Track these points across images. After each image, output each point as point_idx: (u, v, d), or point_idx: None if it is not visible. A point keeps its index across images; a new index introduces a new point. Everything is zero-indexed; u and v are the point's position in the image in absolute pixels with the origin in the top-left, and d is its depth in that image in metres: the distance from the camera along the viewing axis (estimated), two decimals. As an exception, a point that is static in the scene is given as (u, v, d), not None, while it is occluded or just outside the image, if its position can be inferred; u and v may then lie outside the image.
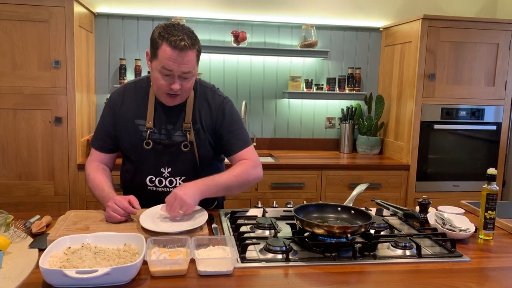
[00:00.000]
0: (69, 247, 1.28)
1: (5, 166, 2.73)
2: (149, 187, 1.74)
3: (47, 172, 2.77)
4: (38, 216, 1.62)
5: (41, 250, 1.30)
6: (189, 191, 1.55)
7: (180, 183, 1.72)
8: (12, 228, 1.49)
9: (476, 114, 3.16)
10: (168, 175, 1.73)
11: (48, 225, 1.57)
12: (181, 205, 1.52)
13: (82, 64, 2.91)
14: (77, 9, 2.74)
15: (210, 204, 1.88)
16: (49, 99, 2.71)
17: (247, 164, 1.71)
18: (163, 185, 1.74)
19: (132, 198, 1.58)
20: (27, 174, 2.75)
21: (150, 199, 1.68)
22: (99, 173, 1.73)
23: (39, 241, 1.41)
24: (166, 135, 1.71)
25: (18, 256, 1.30)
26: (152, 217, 1.55)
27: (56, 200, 2.79)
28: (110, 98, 1.80)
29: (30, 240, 1.43)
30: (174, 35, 1.52)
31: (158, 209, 1.61)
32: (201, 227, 1.50)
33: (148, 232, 1.43)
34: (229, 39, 3.36)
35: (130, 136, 1.72)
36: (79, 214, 1.63)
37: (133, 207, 1.56)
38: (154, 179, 1.73)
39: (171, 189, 1.70)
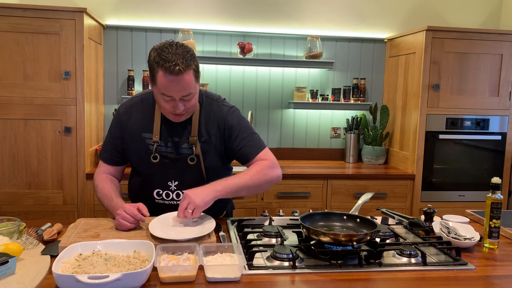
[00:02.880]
0: (81, 254, 1.31)
1: (15, 175, 2.77)
2: (156, 200, 1.76)
3: (56, 182, 2.81)
4: (49, 224, 1.65)
5: (53, 257, 1.33)
6: (200, 192, 1.56)
7: None
8: (24, 235, 1.52)
9: (481, 124, 3.18)
10: (175, 188, 1.74)
11: (59, 233, 1.60)
12: (189, 205, 1.53)
13: (91, 75, 2.97)
14: (87, 21, 2.80)
15: (219, 213, 1.90)
16: (59, 109, 2.76)
17: (263, 164, 1.71)
18: (170, 198, 1.75)
19: (141, 206, 1.61)
20: (36, 184, 2.79)
21: (157, 211, 1.68)
22: (107, 183, 1.75)
23: (51, 248, 1.44)
24: (173, 148, 1.72)
25: (31, 262, 1.33)
26: (161, 225, 1.57)
27: (64, 209, 2.83)
28: (117, 111, 1.81)
29: (42, 247, 1.46)
30: (168, 61, 1.50)
31: (167, 216, 1.64)
32: (209, 235, 1.52)
33: (157, 240, 1.46)
34: (235, 50, 3.41)
35: (137, 149, 1.74)
36: (90, 222, 1.66)
37: (142, 214, 1.59)
38: (161, 192, 1.75)
39: (178, 202, 1.72)
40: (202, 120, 1.73)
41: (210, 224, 1.58)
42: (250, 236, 1.60)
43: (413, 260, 1.44)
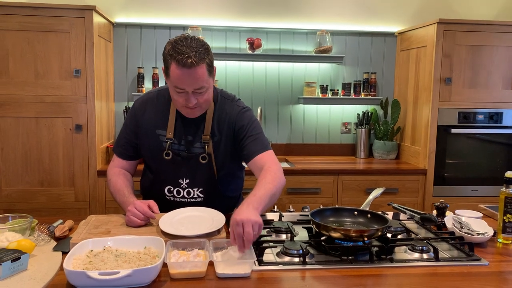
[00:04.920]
0: (91, 250, 1.32)
1: (28, 173, 2.80)
2: (167, 197, 1.77)
3: (68, 179, 2.84)
4: (61, 221, 1.67)
5: (65, 253, 1.34)
6: (249, 213, 1.36)
7: (198, 194, 1.75)
8: (36, 232, 1.54)
9: (494, 117, 3.13)
10: (186, 186, 1.75)
11: (70, 229, 1.61)
12: (253, 226, 1.32)
13: (101, 72, 2.98)
14: (96, 19, 2.81)
15: (230, 210, 1.90)
16: (69, 107, 2.78)
17: (274, 169, 1.62)
18: (181, 195, 1.76)
19: (152, 203, 1.62)
20: (48, 181, 2.82)
21: (168, 208, 1.68)
22: (120, 178, 1.76)
23: (62, 244, 1.45)
24: (186, 146, 1.73)
25: (43, 259, 1.34)
26: (171, 221, 1.57)
27: (76, 206, 2.85)
28: (133, 106, 1.82)
29: (53, 243, 1.47)
30: (181, 53, 1.50)
31: (176, 213, 1.64)
32: (218, 231, 1.52)
33: (167, 236, 1.46)
34: (244, 46, 3.40)
35: (150, 145, 1.75)
36: (101, 218, 1.67)
37: (152, 211, 1.59)
38: (172, 189, 1.76)
39: (188, 199, 1.74)
40: (215, 119, 1.73)
41: (220, 220, 1.58)
42: (260, 232, 1.60)
43: (425, 256, 1.42)
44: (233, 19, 3.40)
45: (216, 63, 3.41)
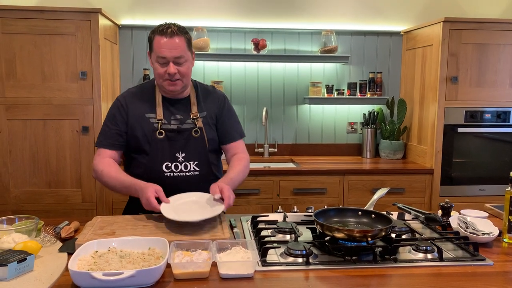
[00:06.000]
0: (96, 251, 1.33)
1: (35, 174, 2.83)
2: (166, 174, 1.83)
3: (75, 180, 2.86)
4: (66, 222, 1.68)
5: (70, 254, 1.35)
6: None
7: (194, 168, 1.85)
8: (42, 233, 1.56)
9: (502, 116, 3.11)
10: (182, 160, 1.84)
11: (76, 230, 1.63)
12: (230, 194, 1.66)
13: (107, 74, 3.00)
14: (102, 21, 2.84)
15: None
16: (76, 109, 2.80)
17: (245, 160, 1.94)
18: (178, 169, 1.84)
19: (158, 189, 1.67)
20: (56, 182, 2.85)
21: (167, 185, 1.74)
22: (112, 167, 1.81)
23: (68, 245, 1.47)
24: (177, 124, 1.85)
25: (49, 260, 1.36)
26: (172, 208, 1.63)
27: (83, 207, 2.88)
28: (115, 103, 1.88)
29: (59, 244, 1.49)
30: (162, 26, 1.75)
31: (175, 199, 1.70)
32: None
33: (171, 222, 1.56)
34: (249, 47, 3.40)
35: (143, 128, 1.84)
36: (106, 219, 1.68)
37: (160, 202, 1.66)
38: (170, 165, 1.83)
39: (186, 173, 1.84)
40: (200, 99, 1.91)
41: (219, 206, 1.64)
42: (264, 233, 1.60)
43: (429, 256, 1.41)
44: (238, 20, 3.41)
45: (222, 64, 3.47)
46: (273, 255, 1.41)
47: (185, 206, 1.67)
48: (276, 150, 3.54)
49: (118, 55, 3.33)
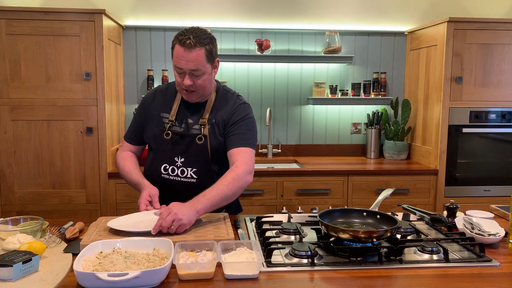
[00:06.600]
0: (101, 252, 1.33)
1: (40, 175, 2.84)
2: (162, 175, 1.85)
3: (79, 181, 2.87)
4: (71, 223, 1.69)
5: (75, 255, 1.35)
6: (185, 210, 1.54)
7: (191, 174, 1.82)
8: (47, 233, 1.56)
9: (507, 116, 3.09)
10: (180, 164, 1.83)
11: (81, 231, 1.63)
12: (174, 222, 1.50)
13: (111, 75, 3.01)
14: (106, 22, 2.84)
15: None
16: (80, 110, 2.81)
17: (238, 170, 1.70)
18: (175, 174, 1.83)
19: (154, 197, 1.73)
20: (60, 183, 2.85)
21: (163, 187, 1.81)
22: (127, 160, 1.92)
23: (73, 246, 1.47)
24: (185, 128, 1.84)
25: (54, 260, 1.36)
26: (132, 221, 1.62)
27: (88, 208, 2.88)
28: (143, 98, 1.98)
29: (64, 245, 1.49)
30: (183, 35, 1.69)
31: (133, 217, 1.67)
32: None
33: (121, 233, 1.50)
34: (253, 47, 3.40)
35: (154, 126, 1.87)
36: (110, 220, 1.68)
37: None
38: (167, 167, 1.84)
39: (182, 178, 1.82)
40: (215, 106, 1.85)
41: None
42: (268, 233, 1.60)
43: (435, 257, 1.41)
44: (242, 21, 3.41)
45: (225, 65, 3.46)
46: (277, 256, 1.40)
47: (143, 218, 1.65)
48: (279, 150, 3.53)
49: (122, 56, 3.33)
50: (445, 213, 1.78)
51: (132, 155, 1.97)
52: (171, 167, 1.83)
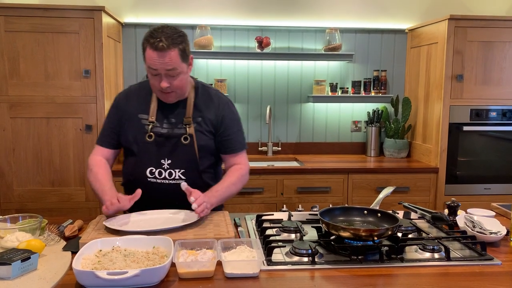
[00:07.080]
0: (100, 250, 1.32)
1: (39, 173, 2.83)
2: (149, 179, 1.78)
3: (79, 179, 2.86)
4: (70, 220, 1.68)
5: (74, 253, 1.35)
6: (211, 199, 1.66)
7: (179, 176, 1.77)
8: (46, 231, 1.55)
9: (507, 114, 3.08)
10: (167, 167, 1.77)
11: (80, 229, 1.62)
12: (205, 203, 1.61)
13: (111, 73, 2.99)
14: (106, 20, 2.83)
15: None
16: (79, 107, 2.80)
17: (242, 171, 1.84)
18: (162, 176, 1.77)
19: (121, 199, 1.63)
20: (59, 181, 2.84)
21: (150, 191, 1.74)
22: (101, 168, 1.80)
23: (72, 244, 1.46)
24: (168, 128, 1.78)
25: (53, 258, 1.35)
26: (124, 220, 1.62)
27: (87, 205, 2.87)
28: (115, 99, 1.90)
29: (63, 243, 1.48)
30: (154, 37, 1.63)
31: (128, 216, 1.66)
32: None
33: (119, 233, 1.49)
34: (253, 45, 3.39)
35: (133, 129, 1.80)
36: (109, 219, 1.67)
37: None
38: (154, 170, 1.77)
39: (170, 181, 1.77)
40: (198, 103, 1.81)
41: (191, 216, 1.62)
42: (269, 232, 1.59)
43: (436, 255, 1.40)
44: (242, 18, 3.40)
45: (225, 62, 3.45)
46: (278, 254, 1.40)
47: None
48: (279, 148, 3.52)
49: (121, 53, 3.32)
50: (446, 211, 1.77)
51: (105, 163, 1.84)
52: (157, 170, 1.77)
